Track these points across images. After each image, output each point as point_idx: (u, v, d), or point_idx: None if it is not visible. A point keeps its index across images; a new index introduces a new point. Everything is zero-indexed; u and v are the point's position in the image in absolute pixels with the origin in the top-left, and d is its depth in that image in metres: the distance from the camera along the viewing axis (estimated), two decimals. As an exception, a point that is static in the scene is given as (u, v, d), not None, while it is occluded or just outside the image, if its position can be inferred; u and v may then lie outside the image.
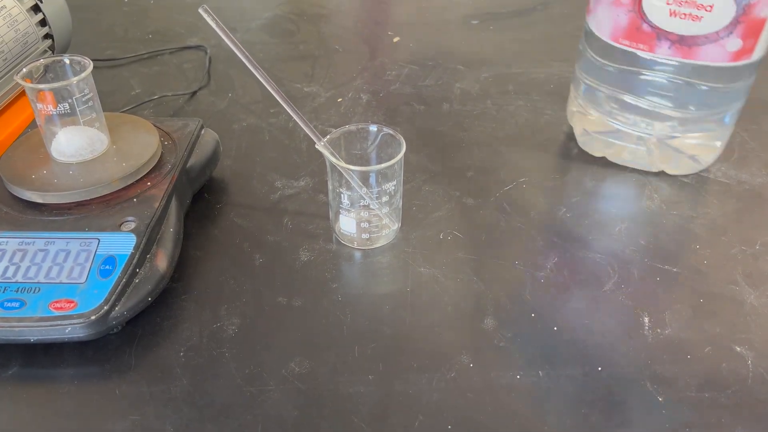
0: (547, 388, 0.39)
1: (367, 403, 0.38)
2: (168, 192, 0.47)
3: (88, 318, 0.39)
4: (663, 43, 0.49)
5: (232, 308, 0.44)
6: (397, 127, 0.64)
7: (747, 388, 0.39)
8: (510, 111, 0.67)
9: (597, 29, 0.52)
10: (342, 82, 0.72)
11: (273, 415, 0.37)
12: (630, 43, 0.50)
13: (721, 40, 0.46)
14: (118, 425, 0.37)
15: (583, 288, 0.46)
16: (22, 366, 0.41)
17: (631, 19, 0.49)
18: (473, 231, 0.51)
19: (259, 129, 0.64)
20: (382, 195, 0.46)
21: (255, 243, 0.50)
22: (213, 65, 0.75)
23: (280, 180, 0.56)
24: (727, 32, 0.46)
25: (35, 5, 0.62)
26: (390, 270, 0.47)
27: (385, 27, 0.87)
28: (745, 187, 0.55)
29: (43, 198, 0.46)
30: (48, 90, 0.46)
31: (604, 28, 0.52)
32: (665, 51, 0.49)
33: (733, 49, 0.46)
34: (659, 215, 0.52)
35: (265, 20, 0.88)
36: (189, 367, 0.40)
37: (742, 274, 0.47)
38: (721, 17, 0.46)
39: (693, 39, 0.47)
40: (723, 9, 0.45)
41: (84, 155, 0.48)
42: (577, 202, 0.54)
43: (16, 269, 0.42)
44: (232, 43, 0.44)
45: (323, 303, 0.45)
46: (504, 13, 0.89)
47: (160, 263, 0.44)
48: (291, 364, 0.40)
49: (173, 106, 0.68)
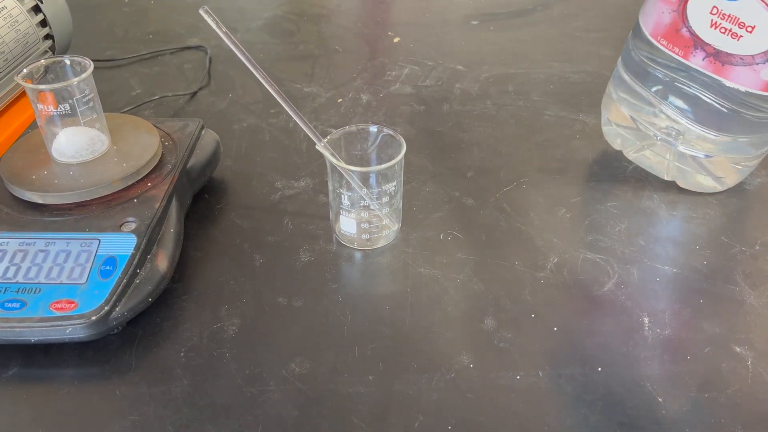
0: (547, 388, 0.39)
1: (367, 403, 0.38)
2: (168, 192, 0.47)
3: (89, 318, 0.39)
4: (698, 53, 0.47)
5: (232, 308, 0.44)
6: (397, 127, 0.64)
7: (747, 388, 0.39)
8: (510, 111, 0.67)
9: (643, 22, 0.51)
10: (342, 82, 0.72)
11: (273, 416, 0.37)
12: (667, 44, 0.49)
13: (756, 66, 0.45)
14: (118, 426, 0.37)
15: (583, 288, 0.46)
16: (22, 366, 0.41)
17: (674, 19, 0.48)
18: (473, 231, 0.51)
19: (259, 129, 0.64)
20: (382, 195, 0.46)
21: (255, 243, 0.50)
22: (213, 65, 0.76)
23: (280, 180, 0.56)
24: (763, 59, 0.44)
25: (36, 6, 0.62)
26: (390, 270, 0.48)
27: (385, 27, 0.87)
28: (745, 187, 0.55)
29: (44, 198, 0.46)
30: (48, 90, 0.46)
31: (648, 23, 0.51)
32: (699, 62, 0.47)
33: (767, 78, 0.45)
34: (659, 215, 0.52)
35: (265, 20, 0.88)
36: (189, 367, 0.40)
37: (742, 274, 0.47)
38: (760, 41, 0.44)
39: (728, 57, 0.46)
40: (763, 33, 0.44)
41: (84, 156, 0.48)
42: (577, 202, 0.54)
43: (16, 270, 0.42)
44: (232, 43, 0.44)
45: (323, 303, 0.45)
46: (504, 13, 0.89)
47: (160, 264, 0.44)
48: (291, 364, 0.40)
49: (173, 107, 0.68)
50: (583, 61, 0.76)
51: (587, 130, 0.63)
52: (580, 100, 0.68)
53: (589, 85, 0.71)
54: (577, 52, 0.78)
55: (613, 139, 0.58)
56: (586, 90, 0.70)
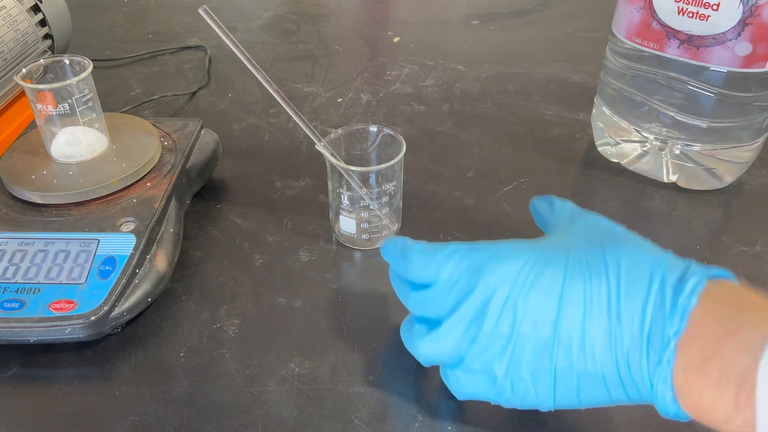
0: (548, 389, 0.39)
1: (367, 403, 0.38)
2: (168, 192, 0.47)
3: (88, 318, 0.39)
4: (672, 42, 0.48)
5: (232, 309, 0.44)
6: (397, 127, 0.64)
7: (747, 388, 0.39)
8: (510, 111, 0.67)
9: (616, 28, 0.53)
10: (342, 82, 0.72)
11: (273, 416, 0.37)
12: (642, 41, 0.50)
13: (729, 42, 0.46)
14: (117, 426, 0.37)
15: (583, 288, 0.46)
16: (22, 366, 0.41)
17: (643, 16, 0.49)
18: (473, 231, 0.51)
19: (259, 129, 0.64)
20: (382, 195, 0.46)
21: (255, 243, 0.50)
22: (213, 65, 0.76)
23: (280, 180, 0.56)
24: (734, 33, 0.45)
25: (35, 5, 0.62)
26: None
27: (385, 27, 0.87)
28: (746, 187, 0.55)
29: (43, 198, 0.46)
30: (48, 90, 0.46)
31: (620, 27, 0.52)
32: (674, 51, 0.48)
33: (743, 53, 0.46)
34: (659, 215, 0.52)
35: (265, 20, 0.88)
36: (189, 367, 0.40)
37: (742, 274, 0.46)
38: (727, 17, 0.45)
39: (701, 39, 0.47)
40: (729, 8, 0.45)
41: (84, 156, 0.48)
42: (578, 202, 0.53)
43: (15, 270, 0.42)
44: (232, 43, 0.44)
45: (323, 303, 0.45)
46: (504, 13, 0.89)
47: (159, 264, 0.44)
48: (291, 364, 0.40)
49: (173, 107, 0.68)
50: (583, 61, 0.76)
51: (587, 130, 0.63)
52: (580, 100, 0.68)
53: (589, 85, 0.71)
54: (577, 52, 0.78)
55: (607, 151, 0.58)
56: (586, 90, 0.70)
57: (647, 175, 0.56)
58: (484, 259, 0.33)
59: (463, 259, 0.34)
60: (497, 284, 0.32)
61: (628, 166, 0.57)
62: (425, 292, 0.35)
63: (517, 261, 0.33)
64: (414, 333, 0.36)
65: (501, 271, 0.32)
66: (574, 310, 0.31)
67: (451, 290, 0.33)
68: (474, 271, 0.33)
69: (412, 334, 0.36)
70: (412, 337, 0.36)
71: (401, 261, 0.36)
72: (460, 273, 0.33)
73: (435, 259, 0.34)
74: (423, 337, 0.35)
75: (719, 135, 0.50)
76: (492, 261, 0.33)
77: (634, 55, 0.51)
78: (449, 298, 0.33)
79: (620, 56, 0.53)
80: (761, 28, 0.45)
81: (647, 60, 0.51)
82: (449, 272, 0.34)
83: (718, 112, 0.49)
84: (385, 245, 0.38)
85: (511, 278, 0.32)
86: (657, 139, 0.53)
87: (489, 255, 0.33)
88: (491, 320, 0.32)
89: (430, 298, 0.35)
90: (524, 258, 0.33)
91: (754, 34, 0.45)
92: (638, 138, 0.54)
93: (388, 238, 0.38)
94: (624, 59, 0.53)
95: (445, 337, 0.34)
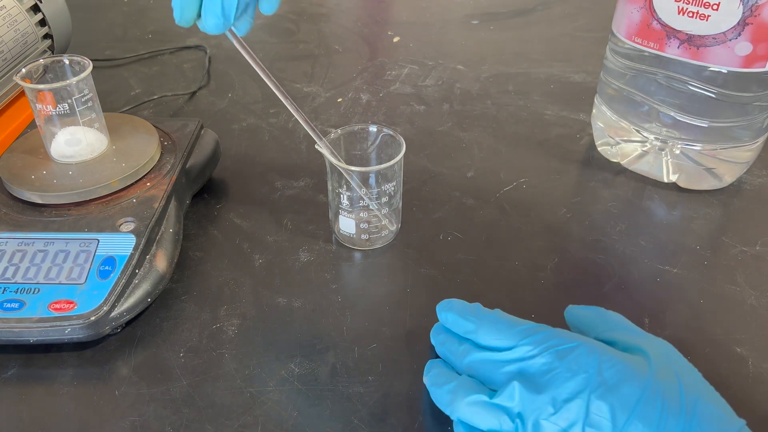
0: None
1: (367, 403, 0.38)
2: (167, 192, 0.47)
3: (88, 319, 0.39)
4: (672, 42, 0.48)
5: (231, 309, 0.44)
6: (397, 127, 0.64)
7: (748, 388, 0.39)
8: (510, 111, 0.67)
9: (616, 28, 0.52)
10: (342, 82, 0.72)
11: (273, 416, 0.37)
12: (642, 41, 0.50)
13: (729, 42, 0.46)
14: (117, 426, 0.37)
15: (583, 288, 0.46)
16: (21, 366, 0.41)
17: (643, 16, 0.49)
18: (473, 231, 0.51)
19: (259, 129, 0.64)
20: (381, 195, 0.46)
21: (255, 243, 0.50)
22: (213, 65, 0.75)
23: (280, 180, 0.56)
24: (735, 33, 0.45)
25: (35, 5, 0.62)
26: (390, 270, 0.47)
27: (385, 27, 0.87)
28: (746, 187, 0.55)
29: (43, 198, 0.45)
30: (47, 90, 0.46)
31: (620, 27, 0.51)
32: (674, 50, 0.48)
33: (743, 53, 0.46)
34: (659, 215, 0.52)
35: (265, 20, 0.88)
36: (189, 367, 0.40)
37: (742, 274, 0.47)
38: (728, 16, 0.45)
39: (701, 39, 0.47)
40: (729, 8, 0.45)
41: (83, 156, 0.48)
42: (578, 202, 0.54)
43: (15, 270, 0.42)
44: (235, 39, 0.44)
45: (323, 303, 0.45)
46: (504, 13, 0.89)
47: (159, 264, 0.44)
48: (291, 364, 0.40)
49: (173, 106, 0.68)
50: (583, 61, 0.76)
51: (587, 130, 0.63)
52: (580, 100, 0.68)
53: (589, 85, 0.71)
54: (577, 52, 0.78)
55: (607, 151, 0.58)
56: (586, 90, 0.70)
57: (647, 175, 0.56)
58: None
59: (591, 352, 0.32)
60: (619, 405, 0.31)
61: (628, 166, 0.57)
62: (505, 354, 0.34)
63: (636, 387, 0.31)
64: (460, 390, 0.34)
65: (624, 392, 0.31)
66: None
67: (570, 380, 0.31)
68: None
69: (455, 392, 0.34)
70: (454, 394, 0.34)
71: (472, 318, 0.36)
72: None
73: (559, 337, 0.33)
74: (480, 403, 0.33)
75: (719, 135, 0.50)
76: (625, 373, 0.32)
77: (634, 54, 0.51)
78: (564, 387, 0.31)
79: (620, 56, 0.53)
80: (761, 28, 0.45)
81: (647, 60, 0.51)
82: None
83: (718, 112, 0.49)
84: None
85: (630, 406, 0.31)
86: (657, 139, 0.53)
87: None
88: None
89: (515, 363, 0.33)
90: (641, 384, 0.31)
91: (754, 34, 0.45)
92: (638, 138, 0.54)
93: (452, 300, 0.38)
94: (624, 59, 0.53)
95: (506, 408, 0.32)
